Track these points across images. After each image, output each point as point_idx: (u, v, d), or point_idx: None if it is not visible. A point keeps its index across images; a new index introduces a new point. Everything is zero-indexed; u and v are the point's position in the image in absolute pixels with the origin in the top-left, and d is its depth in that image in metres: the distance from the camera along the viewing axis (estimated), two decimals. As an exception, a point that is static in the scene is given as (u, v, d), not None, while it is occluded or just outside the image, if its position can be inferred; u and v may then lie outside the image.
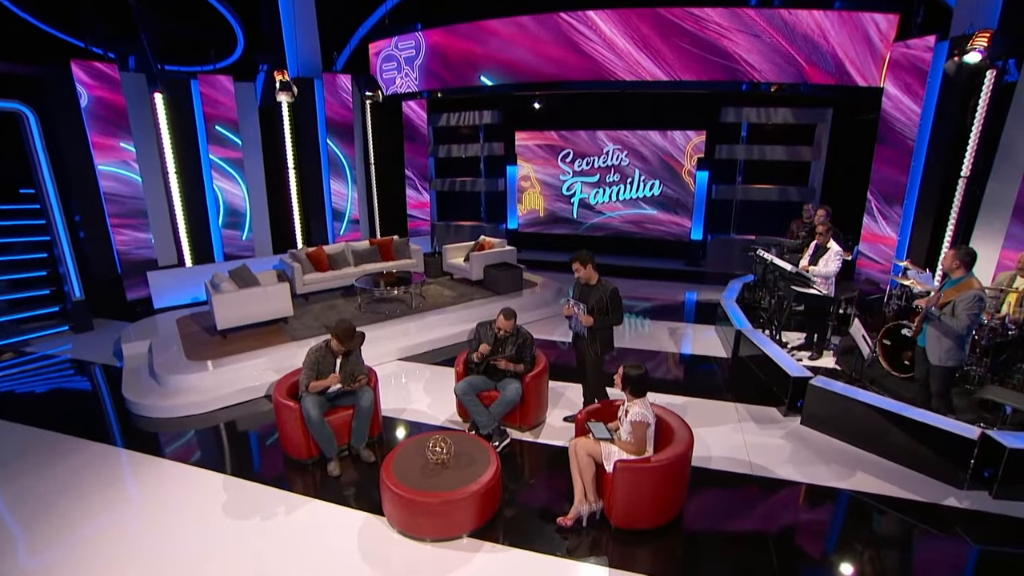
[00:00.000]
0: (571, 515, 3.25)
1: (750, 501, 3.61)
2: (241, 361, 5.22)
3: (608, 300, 3.83)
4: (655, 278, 9.27)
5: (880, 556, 3.13)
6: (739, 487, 3.74)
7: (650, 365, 5.65)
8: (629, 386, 3.17)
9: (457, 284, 7.87)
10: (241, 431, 4.54)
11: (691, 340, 6.43)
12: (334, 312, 6.56)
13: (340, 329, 3.91)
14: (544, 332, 6.66)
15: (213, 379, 5.04)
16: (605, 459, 3.29)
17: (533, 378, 4.18)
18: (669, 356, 5.95)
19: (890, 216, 6.86)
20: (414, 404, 4.87)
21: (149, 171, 7.75)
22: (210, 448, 4.29)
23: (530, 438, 4.25)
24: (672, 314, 7.45)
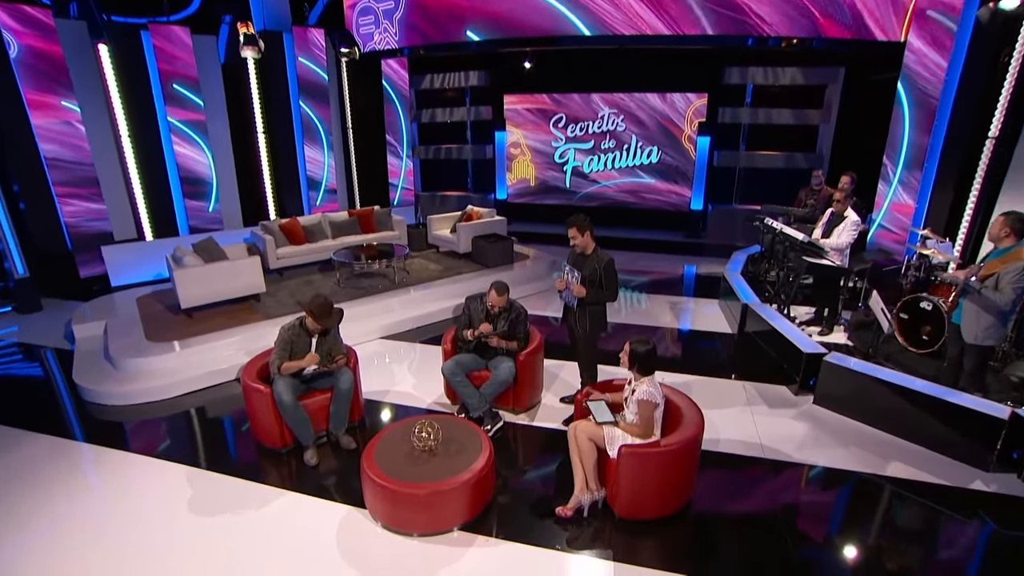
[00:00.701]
0: (571, 505, 3.16)
1: (763, 487, 3.53)
2: (208, 342, 5.05)
3: (602, 273, 3.69)
4: (653, 250, 9.21)
5: (902, 543, 3.06)
6: (750, 471, 3.66)
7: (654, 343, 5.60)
8: (636, 363, 3.06)
9: (443, 257, 7.80)
10: (209, 418, 4.41)
11: (693, 315, 6.38)
12: (311, 288, 6.42)
13: (315, 306, 3.73)
14: (537, 308, 6.60)
15: (177, 362, 4.87)
16: (608, 444, 3.17)
17: (527, 356, 4.07)
18: (669, 332, 5.89)
19: (908, 182, 6.69)
20: (398, 386, 4.77)
21: (98, 134, 7.30)
22: (173, 437, 4.13)
23: (525, 421, 4.16)
24: (671, 288, 7.41)
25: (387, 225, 8.00)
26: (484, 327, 3.98)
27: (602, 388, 3.67)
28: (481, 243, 7.43)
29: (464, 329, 4.07)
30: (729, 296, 6.15)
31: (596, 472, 3.18)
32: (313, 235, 7.36)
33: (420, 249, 8.20)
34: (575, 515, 3.18)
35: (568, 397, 4.43)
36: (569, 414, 4.16)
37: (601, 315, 3.91)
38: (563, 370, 4.95)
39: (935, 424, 3.71)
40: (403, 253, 6.77)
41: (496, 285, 3.99)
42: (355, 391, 3.98)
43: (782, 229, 5.24)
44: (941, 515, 3.26)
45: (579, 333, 3.88)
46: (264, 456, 3.83)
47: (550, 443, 3.90)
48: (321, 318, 3.73)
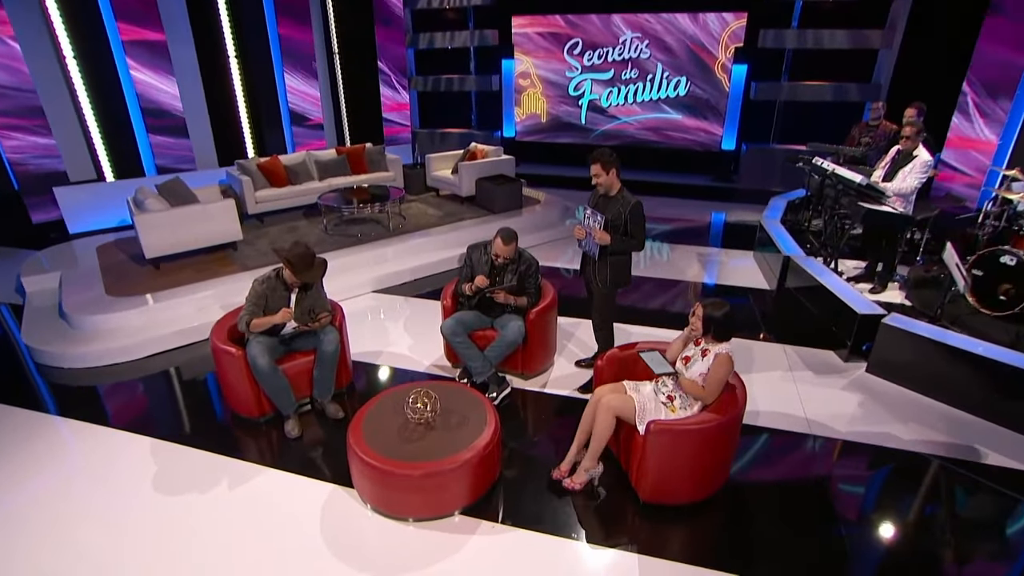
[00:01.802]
0: (580, 479, 3.09)
1: (808, 467, 3.34)
2: (177, 296, 4.92)
3: (628, 217, 3.52)
4: (678, 195, 9.21)
5: (973, 540, 2.86)
6: (795, 450, 3.48)
7: (673, 298, 5.54)
8: (713, 329, 2.92)
9: (444, 201, 7.78)
10: (177, 384, 4.30)
11: (723, 268, 6.26)
12: (294, 236, 6.46)
13: (294, 256, 3.50)
14: (549, 258, 6.52)
15: (141, 319, 4.72)
16: (638, 418, 2.99)
17: (538, 314, 3.94)
18: (696, 287, 5.76)
19: (991, 114, 6.17)
20: (392, 346, 4.67)
21: (38, 55, 6.80)
22: (136, 406, 4.01)
23: (535, 387, 4.07)
24: (699, 237, 7.30)
25: (380, 165, 7.87)
26: (479, 280, 3.81)
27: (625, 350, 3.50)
28: (486, 185, 7.33)
29: (463, 283, 3.94)
30: (766, 247, 5.96)
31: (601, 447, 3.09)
32: (297, 176, 7.24)
33: (418, 192, 8.17)
34: (583, 488, 3.11)
35: (585, 360, 4.33)
36: (586, 380, 4.05)
37: (624, 266, 3.74)
38: (579, 329, 4.86)
39: (1014, 400, 3.49)
40: (398, 197, 6.69)
41: (502, 233, 3.80)
42: (342, 353, 3.88)
43: (835, 170, 4.92)
44: (1019, 504, 3.08)
45: (597, 287, 3.76)
46: (239, 427, 3.72)
47: (565, 413, 3.79)
48: (301, 270, 3.53)
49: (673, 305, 5.38)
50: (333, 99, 9.64)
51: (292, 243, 3.57)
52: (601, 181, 3.56)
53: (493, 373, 3.87)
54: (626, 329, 4.79)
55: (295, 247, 3.52)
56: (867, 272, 5.29)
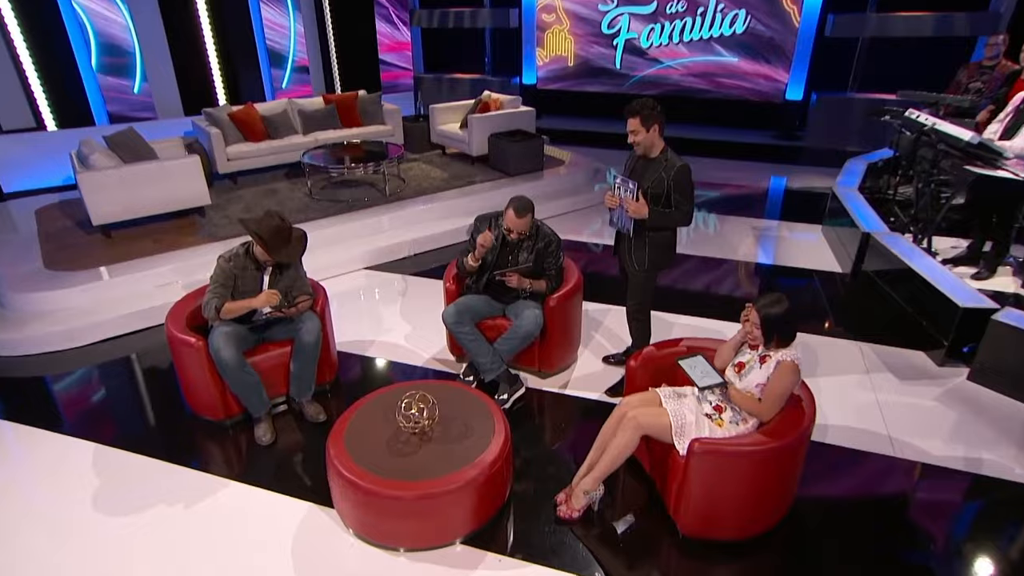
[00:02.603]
0: (579, 505, 3.02)
1: (892, 499, 3.19)
2: (132, 271, 4.94)
3: (671, 183, 3.41)
4: (730, 155, 9.21)
5: None
6: (874, 476, 3.33)
7: (722, 280, 5.54)
8: (774, 331, 2.79)
9: (450, 161, 7.88)
10: (129, 378, 4.31)
11: (784, 245, 6.25)
12: (273, 201, 6.50)
13: (266, 230, 3.42)
14: (572, 230, 6.58)
15: (88, 299, 4.73)
16: (677, 434, 2.87)
17: (560, 300, 3.90)
18: (749, 268, 5.76)
19: None
20: (386, 335, 4.69)
21: None
22: (79, 404, 4.01)
23: (554, 387, 4.05)
24: (753, 207, 7.33)
25: (376, 117, 7.97)
26: (484, 238, 3.73)
27: (664, 348, 3.42)
28: (501, 143, 7.37)
29: (466, 256, 3.90)
30: (839, 221, 5.91)
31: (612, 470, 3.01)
32: (276, 129, 7.27)
33: (420, 150, 8.31)
34: (583, 515, 3.06)
35: (615, 356, 4.30)
36: (615, 380, 4.01)
37: (666, 246, 3.64)
38: (609, 317, 4.85)
39: None
40: (397, 155, 6.76)
41: (515, 203, 3.69)
42: (324, 344, 3.84)
43: (935, 125, 4.70)
44: None
45: (633, 270, 3.69)
46: (201, 431, 3.71)
47: (590, 420, 3.74)
48: (274, 247, 3.45)
49: (720, 287, 5.36)
50: (320, 36, 9.52)
51: (263, 213, 3.49)
52: (639, 139, 3.42)
53: (504, 371, 3.84)
54: (664, 318, 4.72)
55: (267, 219, 3.44)
56: (970, 253, 5.10)
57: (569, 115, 10.56)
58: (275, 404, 3.80)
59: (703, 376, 2.90)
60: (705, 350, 3.20)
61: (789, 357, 2.77)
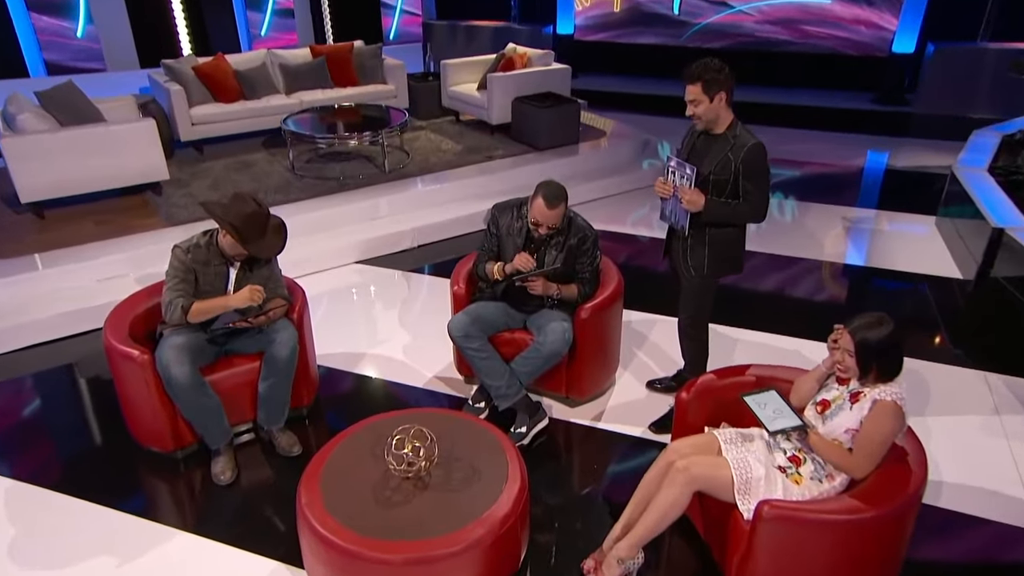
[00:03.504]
0: (612, 573, 2.94)
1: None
2: (70, 261, 4.97)
3: (739, 168, 3.34)
4: (815, 124, 9.17)
5: None
6: (1008, 551, 3.18)
7: (801, 285, 5.54)
8: (872, 361, 2.66)
9: (466, 130, 7.89)
10: (60, 395, 4.32)
11: (884, 241, 6.23)
12: (246, 176, 6.50)
13: (238, 215, 3.41)
14: (613, 218, 6.59)
15: (15, 293, 4.76)
16: (739, 493, 2.77)
17: (594, 310, 3.88)
18: (836, 270, 5.75)
19: None
20: (380, 346, 4.72)
21: None
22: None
23: (585, 420, 4.04)
24: (845, 191, 7.32)
25: (375, 75, 7.95)
26: (521, 260, 3.72)
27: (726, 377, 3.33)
28: (528, 108, 7.32)
29: (486, 262, 3.92)
30: (960, 211, 5.86)
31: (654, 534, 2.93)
32: (253, 87, 7.25)
33: (429, 116, 8.29)
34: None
35: (662, 382, 4.27)
36: (662, 413, 3.96)
37: (731, 247, 3.59)
38: (655, 331, 4.84)
39: None
40: (400, 122, 6.73)
41: (546, 190, 3.64)
42: (302, 359, 3.82)
43: None
44: None
45: (688, 275, 3.65)
46: (144, 466, 3.69)
47: (628, 462, 3.74)
48: (249, 237, 3.44)
49: (798, 294, 5.35)
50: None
51: (233, 196, 3.48)
52: (700, 111, 3.33)
53: (523, 397, 3.81)
54: (726, 334, 4.67)
55: (238, 203, 3.42)
56: None
57: (613, 73, 10.53)
58: (238, 433, 3.80)
59: (775, 416, 2.80)
60: (778, 382, 3.10)
61: (890, 395, 2.64)
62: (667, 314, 4.74)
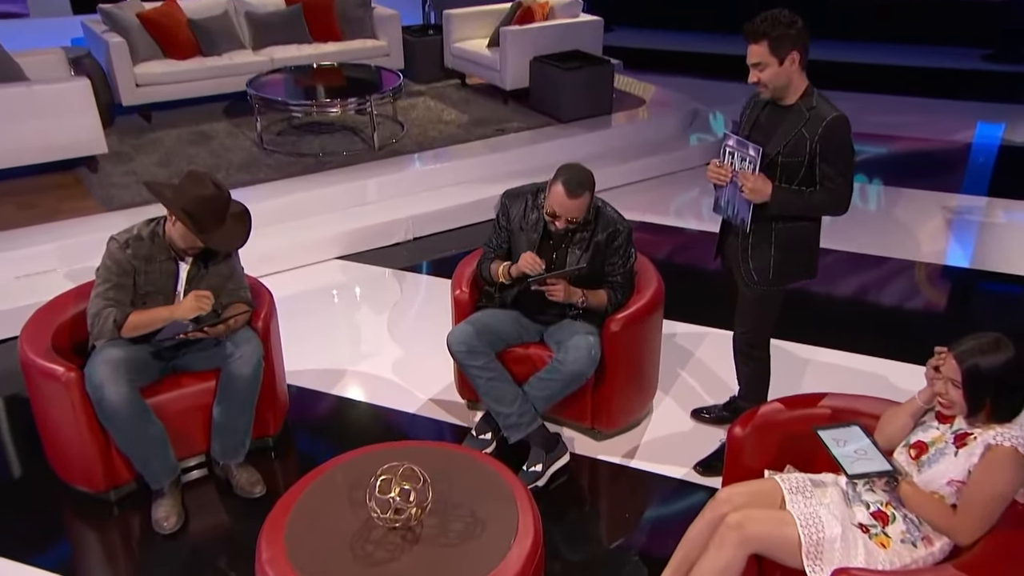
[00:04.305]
0: None
1: None
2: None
3: (817, 147, 3.31)
4: (910, 89, 9.13)
5: None
6: None
7: (889, 291, 5.52)
8: (984, 395, 2.62)
9: (473, 97, 7.94)
10: None
11: (996, 237, 6.21)
12: (204, 151, 6.53)
13: (192, 199, 3.41)
14: (653, 206, 6.60)
15: None
16: (808, 557, 2.70)
17: (628, 321, 3.87)
18: (932, 272, 5.73)
19: None
20: (363, 364, 4.75)
21: None
22: None
23: (615, 456, 4.04)
24: (945, 173, 7.28)
25: (363, 28, 8.07)
26: (526, 262, 3.71)
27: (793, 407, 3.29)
28: (550, 70, 7.35)
29: (491, 260, 3.96)
30: None
31: None
32: (212, 40, 7.28)
33: (428, 79, 8.34)
34: None
35: (711, 411, 4.27)
36: (711, 450, 3.95)
37: (805, 245, 3.57)
38: (703, 347, 4.85)
39: None
40: (393, 87, 6.74)
41: (567, 176, 3.63)
42: (267, 377, 3.80)
43: None
44: None
45: (750, 281, 3.63)
46: (71, 509, 3.68)
47: (667, 510, 3.76)
48: (206, 227, 3.43)
49: (885, 302, 5.31)
50: None
51: (186, 175, 3.48)
52: (766, 77, 3.29)
53: (539, 429, 3.80)
54: (793, 352, 4.67)
55: (192, 184, 3.41)
56: None
57: (655, 27, 10.54)
58: (187, 469, 3.77)
59: (857, 458, 2.76)
60: (861, 416, 3.05)
61: (1009, 439, 2.59)
62: (719, 327, 4.72)
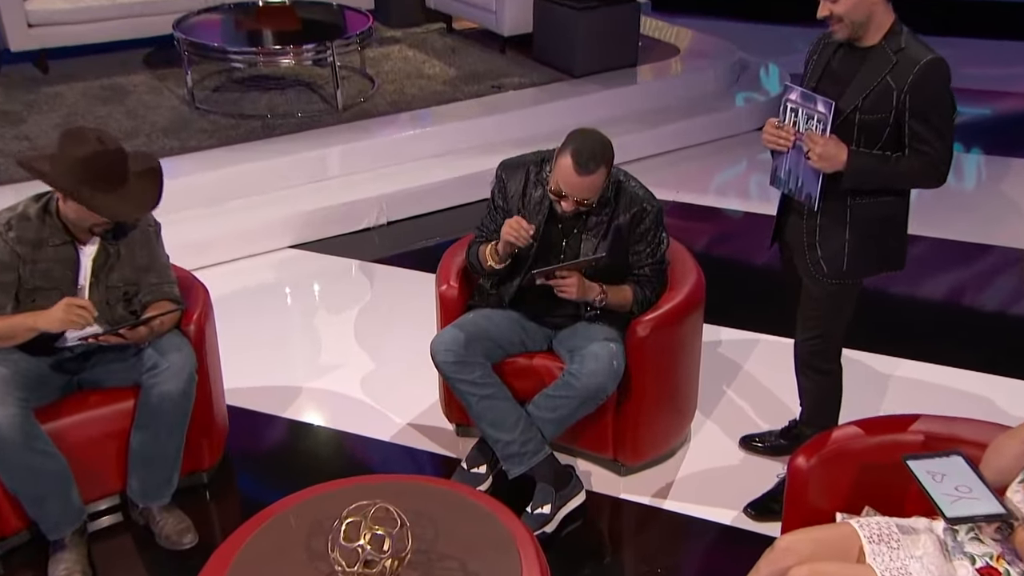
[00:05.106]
0: None
1: None
2: None
3: (905, 100, 3.31)
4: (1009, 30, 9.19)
5: None
6: None
7: (995, 288, 5.62)
8: None
9: (462, 46, 8.16)
10: None
11: None
12: (119, 109, 6.63)
13: (70, 165, 3.41)
14: (689, 182, 6.75)
15: None
16: None
17: (659, 326, 3.89)
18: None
19: None
20: (323, 379, 4.83)
21: None
22: None
23: (643, 496, 4.08)
24: None
25: None
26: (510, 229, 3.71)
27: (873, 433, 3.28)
28: (559, 11, 7.48)
29: (481, 240, 4.00)
30: None
31: None
32: None
33: (405, 23, 8.58)
34: None
35: (765, 439, 4.32)
36: (766, 488, 3.97)
37: (890, 227, 3.60)
38: (753, 359, 4.94)
39: None
40: (361, 31, 6.85)
41: (577, 146, 3.63)
42: (201, 396, 3.81)
43: None
44: None
45: (816, 274, 3.65)
46: None
47: (710, 563, 3.85)
48: (95, 195, 3.42)
49: (990, 303, 5.42)
50: None
51: (61, 135, 3.50)
52: (840, 8, 3.30)
53: (546, 459, 3.83)
54: (869, 363, 4.72)
55: (69, 145, 3.42)
56: None
57: None
58: (95, 515, 3.78)
59: (958, 497, 2.77)
60: (963, 443, 3.06)
61: None
62: (775, 332, 4.81)
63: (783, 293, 3.92)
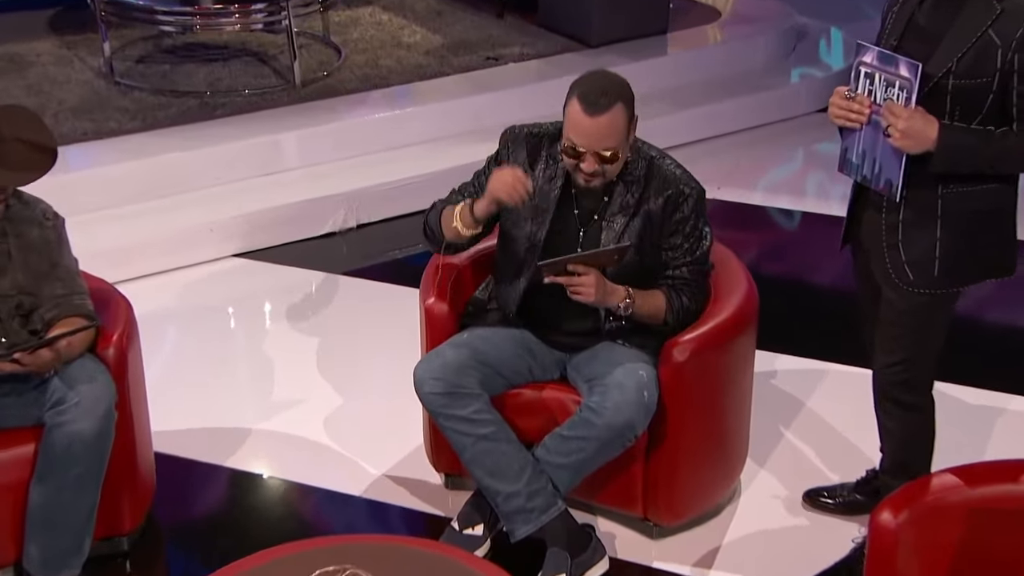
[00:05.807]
0: None
1: None
2: None
3: (1015, 57, 3.29)
4: None
5: None
6: None
7: None
8: None
9: (450, 7, 8.48)
10: None
11: None
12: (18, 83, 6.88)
13: None
14: (733, 180, 6.87)
15: None
16: None
17: (700, 348, 3.87)
18: None
19: None
20: (279, 417, 4.89)
21: None
22: None
23: (683, 565, 4.09)
24: None
25: None
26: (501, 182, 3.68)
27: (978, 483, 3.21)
28: None
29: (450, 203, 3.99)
30: None
31: None
32: None
33: None
34: None
35: (835, 494, 4.31)
36: (840, 556, 4.02)
37: (995, 221, 3.57)
38: (819, 392, 5.03)
39: None
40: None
41: (587, 84, 3.66)
42: (120, 440, 3.78)
43: None
44: None
45: (900, 283, 3.62)
46: None
47: None
48: None
49: None
50: None
51: None
52: None
53: (559, 517, 3.80)
54: (967, 398, 4.76)
55: None
56: None
57: None
58: None
59: None
60: None
61: None
62: (847, 360, 4.89)
63: (855, 310, 3.95)
